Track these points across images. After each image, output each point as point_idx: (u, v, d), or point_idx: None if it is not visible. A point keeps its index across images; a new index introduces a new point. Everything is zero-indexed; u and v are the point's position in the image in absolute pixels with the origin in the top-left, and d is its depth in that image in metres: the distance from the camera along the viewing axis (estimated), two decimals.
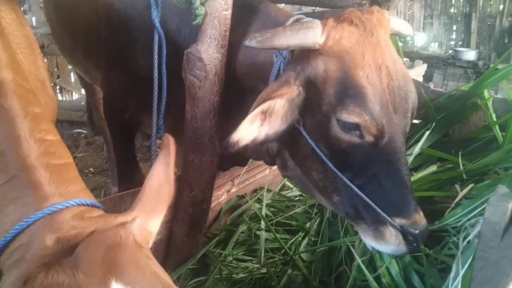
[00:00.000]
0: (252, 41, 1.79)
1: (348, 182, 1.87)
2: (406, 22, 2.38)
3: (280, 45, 1.81)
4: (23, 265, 1.13)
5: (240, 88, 2.35)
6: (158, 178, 1.42)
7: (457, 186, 2.47)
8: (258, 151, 2.44)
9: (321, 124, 1.88)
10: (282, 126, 1.90)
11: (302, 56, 1.93)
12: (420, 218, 1.87)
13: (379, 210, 1.84)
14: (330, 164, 1.89)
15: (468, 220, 1.84)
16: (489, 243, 1.45)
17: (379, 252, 2.20)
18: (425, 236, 1.88)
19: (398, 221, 1.84)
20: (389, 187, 1.85)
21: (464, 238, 1.74)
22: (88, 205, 1.39)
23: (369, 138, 1.82)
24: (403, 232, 1.84)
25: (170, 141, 1.51)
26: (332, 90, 1.83)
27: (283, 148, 2.22)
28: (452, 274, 1.67)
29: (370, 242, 1.95)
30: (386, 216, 1.83)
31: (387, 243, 1.87)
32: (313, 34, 1.82)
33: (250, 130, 1.86)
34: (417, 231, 1.84)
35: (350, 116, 1.78)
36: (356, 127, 1.80)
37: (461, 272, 1.58)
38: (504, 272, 1.23)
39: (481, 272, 1.41)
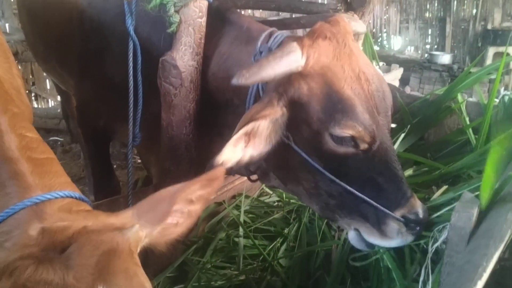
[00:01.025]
0: (240, 79, 1.76)
1: (350, 188, 1.88)
2: (359, 21, 2.42)
3: (268, 77, 1.80)
4: (1, 253, 1.08)
5: (214, 100, 2.35)
6: (166, 192, 1.35)
7: (434, 188, 2.51)
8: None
9: (312, 139, 1.91)
10: (267, 147, 1.91)
11: (283, 76, 1.93)
12: (415, 201, 1.92)
13: (382, 209, 1.86)
14: (329, 175, 1.90)
15: (437, 225, 1.87)
16: (456, 248, 1.49)
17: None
18: (426, 218, 1.92)
19: (398, 212, 1.87)
20: (385, 184, 1.90)
21: (433, 243, 1.78)
22: (75, 198, 1.36)
23: (363, 146, 1.87)
24: (406, 222, 1.87)
25: (218, 175, 1.41)
26: (319, 107, 1.86)
27: (265, 163, 2.20)
28: (421, 279, 1.71)
29: (375, 240, 1.96)
30: (390, 212, 1.86)
31: (392, 238, 1.91)
32: (295, 59, 1.83)
33: (234, 152, 1.85)
34: (418, 216, 1.88)
35: (344, 130, 1.82)
36: (350, 139, 1.84)
37: (431, 278, 1.61)
38: (468, 277, 1.25)
39: (448, 277, 1.44)
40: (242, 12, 4.76)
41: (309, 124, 1.89)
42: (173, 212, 1.34)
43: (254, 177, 2.45)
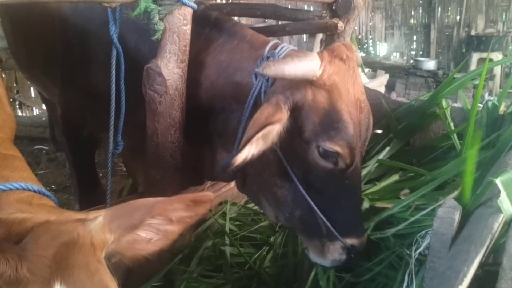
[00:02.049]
0: (266, 70, 1.83)
1: (312, 203, 2.00)
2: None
3: (289, 74, 1.86)
4: None
5: (206, 107, 2.36)
6: (146, 201, 1.28)
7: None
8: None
9: (298, 147, 2.00)
10: (265, 146, 1.95)
11: (291, 81, 1.98)
12: (365, 238, 2.10)
13: (335, 232, 2.00)
14: (299, 186, 2.01)
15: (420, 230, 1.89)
16: (438, 254, 1.51)
17: None
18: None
19: (350, 241, 2.03)
20: (346, 208, 2.05)
21: (416, 249, 1.79)
22: (34, 191, 1.29)
23: (341, 165, 1.99)
24: (350, 249, 2.03)
25: (206, 200, 1.35)
26: (317, 119, 1.95)
27: (248, 166, 2.22)
28: (404, 284, 1.72)
29: (316, 258, 2.13)
30: (340, 237, 2.00)
31: (332, 259, 2.08)
32: (314, 67, 1.90)
33: (246, 151, 1.89)
34: (362, 249, 2.07)
35: (334, 147, 1.93)
36: (335, 155, 1.96)
37: (414, 283, 1.62)
38: (449, 282, 1.26)
39: (431, 282, 1.44)
40: None
41: (302, 132, 1.98)
42: (148, 224, 1.27)
43: None
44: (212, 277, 2.67)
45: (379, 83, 7.82)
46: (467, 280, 1.24)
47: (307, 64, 1.88)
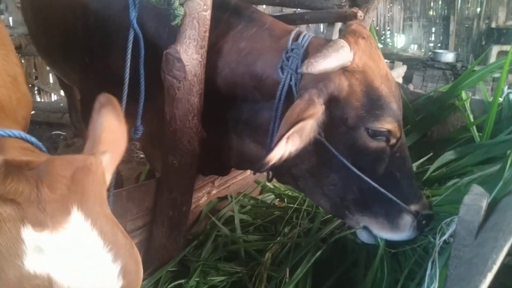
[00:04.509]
0: (310, 68, 1.82)
1: (373, 183, 1.98)
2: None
3: (330, 67, 1.87)
4: None
5: (228, 95, 2.35)
6: (110, 121, 1.28)
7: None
8: (246, 161, 2.47)
9: (345, 134, 2.00)
10: (303, 142, 1.94)
11: (322, 73, 1.96)
12: (426, 200, 2.11)
13: (401, 203, 1.99)
14: (355, 170, 1.99)
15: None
16: (463, 241, 1.49)
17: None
18: (433, 214, 2.10)
19: (413, 207, 2.04)
20: (402, 180, 2.05)
21: (441, 237, 1.78)
22: (32, 143, 1.28)
23: (392, 141, 1.99)
24: (418, 217, 2.03)
25: (110, 98, 1.39)
26: (359, 103, 1.94)
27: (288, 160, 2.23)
28: (428, 272, 1.71)
29: (386, 234, 2.10)
30: (406, 207, 2.00)
31: (403, 231, 2.06)
32: (347, 54, 1.90)
33: (280, 149, 1.89)
34: (430, 213, 2.08)
35: (383, 125, 1.94)
36: (385, 133, 1.96)
37: (438, 271, 1.61)
38: (477, 269, 1.25)
39: (456, 270, 1.43)
40: None
41: (346, 119, 1.97)
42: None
43: None
44: (227, 264, 2.68)
45: (397, 74, 7.76)
46: (495, 267, 1.23)
47: (342, 53, 1.88)
